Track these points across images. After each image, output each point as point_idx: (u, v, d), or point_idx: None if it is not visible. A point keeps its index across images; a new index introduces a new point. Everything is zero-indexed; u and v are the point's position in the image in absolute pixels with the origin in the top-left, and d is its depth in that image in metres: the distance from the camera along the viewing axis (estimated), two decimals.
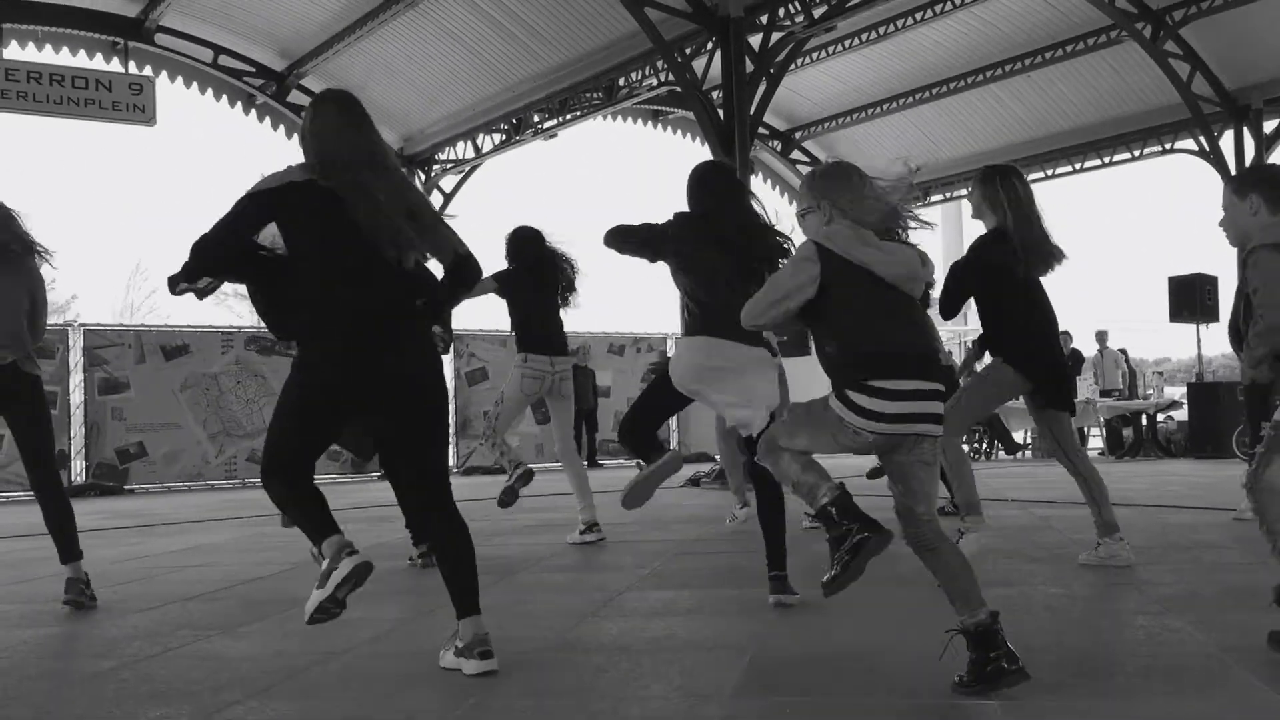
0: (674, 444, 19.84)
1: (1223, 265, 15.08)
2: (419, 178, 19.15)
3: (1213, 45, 15.34)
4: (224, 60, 16.81)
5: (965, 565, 3.16)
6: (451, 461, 18.66)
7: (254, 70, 16.85)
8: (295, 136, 18.70)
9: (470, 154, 18.53)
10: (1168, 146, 17.16)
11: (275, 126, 17.76)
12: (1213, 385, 15.26)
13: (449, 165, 18.94)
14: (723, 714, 2.98)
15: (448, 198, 19.35)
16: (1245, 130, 15.91)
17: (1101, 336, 17.59)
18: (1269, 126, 15.96)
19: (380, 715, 3.16)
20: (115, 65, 15.92)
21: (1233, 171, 15.72)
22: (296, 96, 17.45)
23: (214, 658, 3.93)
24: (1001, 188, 5.21)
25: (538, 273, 6.81)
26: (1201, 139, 16.04)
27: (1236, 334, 6.99)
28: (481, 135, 18.14)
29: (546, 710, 3.15)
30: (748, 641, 3.84)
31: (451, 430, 18.92)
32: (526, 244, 6.85)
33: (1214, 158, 15.93)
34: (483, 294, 6.59)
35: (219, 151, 63.69)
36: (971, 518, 5.43)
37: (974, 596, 3.07)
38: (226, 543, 7.33)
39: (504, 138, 17.98)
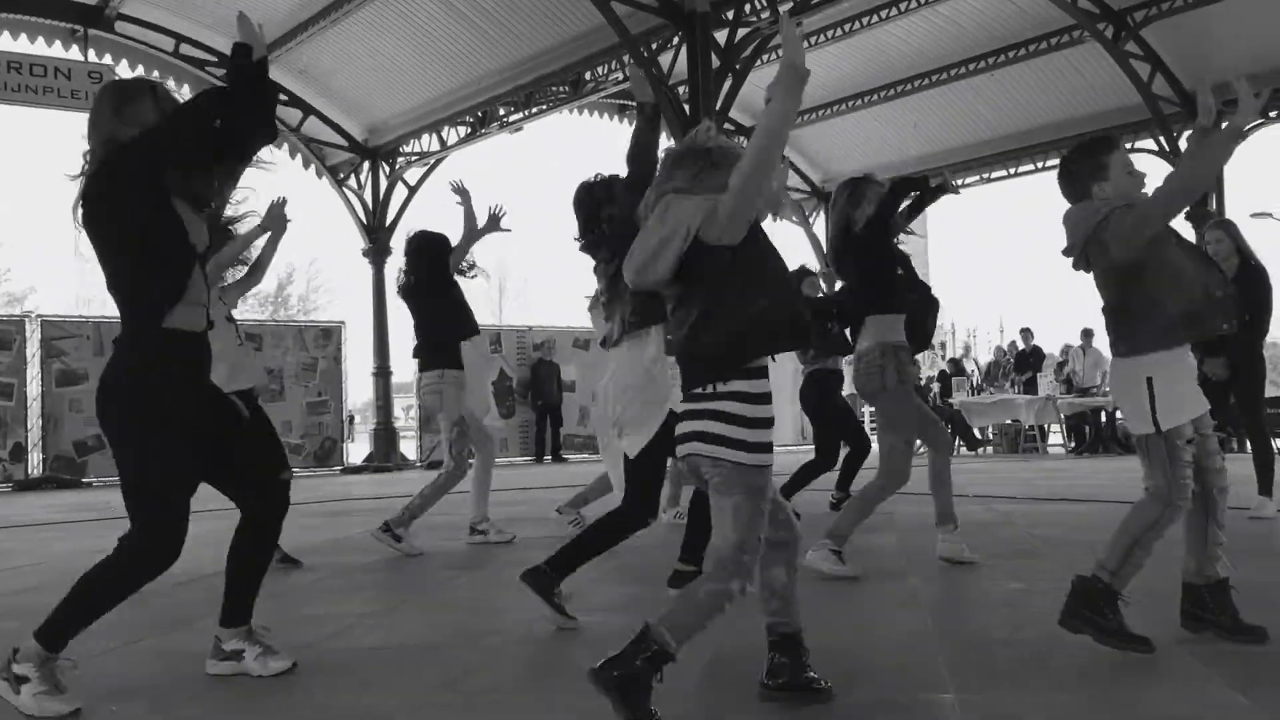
0: None
1: None
2: (383, 170, 19.05)
3: (1173, 46, 15.52)
4: (185, 49, 16.63)
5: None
6: (415, 455, 18.62)
7: (216, 60, 16.66)
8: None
9: (435, 147, 18.44)
10: (1129, 146, 17.30)
11: None
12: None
13: (413, 158, 18.84)
14: (684, 708, 2.99)
15: (412, 191, 19.25)
16: None
17: (1087, 335, 17.73)
18: None
19: (343, 710, 3.14)
20: (75, 53, 15.71)
21: None
22: None
23: (172, 653, 3.90)
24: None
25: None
26: (1161, 138, 16.23)
27: None
28: (447, 128, 18.05)
29: (510, 703, 3.15)
30: (710, 636, 3.84)
31: (415, 423, 18.87)
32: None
33: (1174, 157, 16.10)
34: None
35: None
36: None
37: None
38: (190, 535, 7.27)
39: (469, 131, 17.90)
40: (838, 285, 5.42)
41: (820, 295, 7.39)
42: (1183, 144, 16.11)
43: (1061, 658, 3.39)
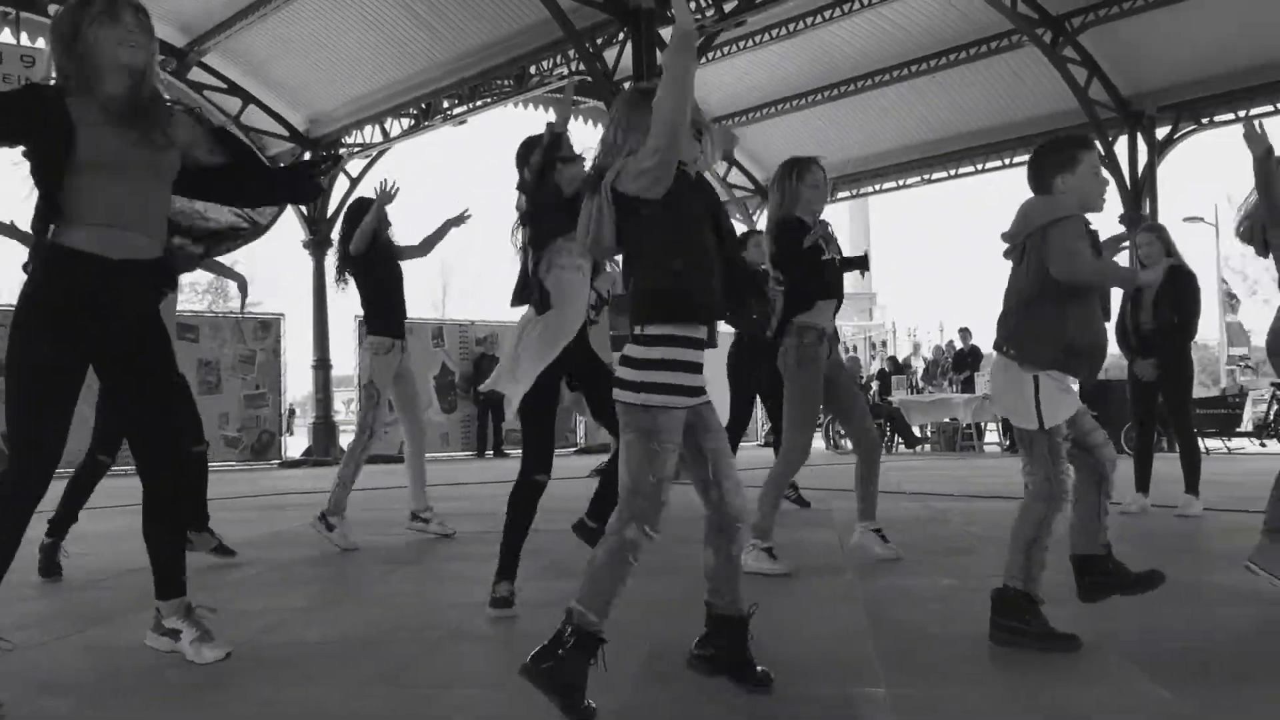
0: (581, 435, 19.84)
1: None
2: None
3: (1109, 53, 15.81)
4: None
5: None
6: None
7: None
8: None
9: (378, 138, 18.28)
10: None
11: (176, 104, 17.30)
12: (1104, 383, 15.70)
13: (356, 149, 18.66)
14: (620, 703, 3.00)
15: (354, 182, 19.07)
16: (1139, 136, 16.41)
17: None
18: (1161, 133, 16.49)
19: (281, 705, 3.11)
20: (6, 36, 15.34)
21: (1126, 175, 16.24)
22: (198, 74, 17.04)
23: (100, 648, 3.84)
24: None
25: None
26: (1097, 143, 16.50)
27: (1124, 333, 7.22)
28: (390, 119, 17.90)
29: (441, 699, 3.14)
30: (646, 631, 3.86)
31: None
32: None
33: (1109, 162, 16.40)
34: None
35: None
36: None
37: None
38: (111, 530, 7.14)
39: (413, 123, 17.77)
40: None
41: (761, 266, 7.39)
42: (1119, 149, 16.42)
43: (991, 652, 3.45)
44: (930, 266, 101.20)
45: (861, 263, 5.72)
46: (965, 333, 19.29)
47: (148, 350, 3.37)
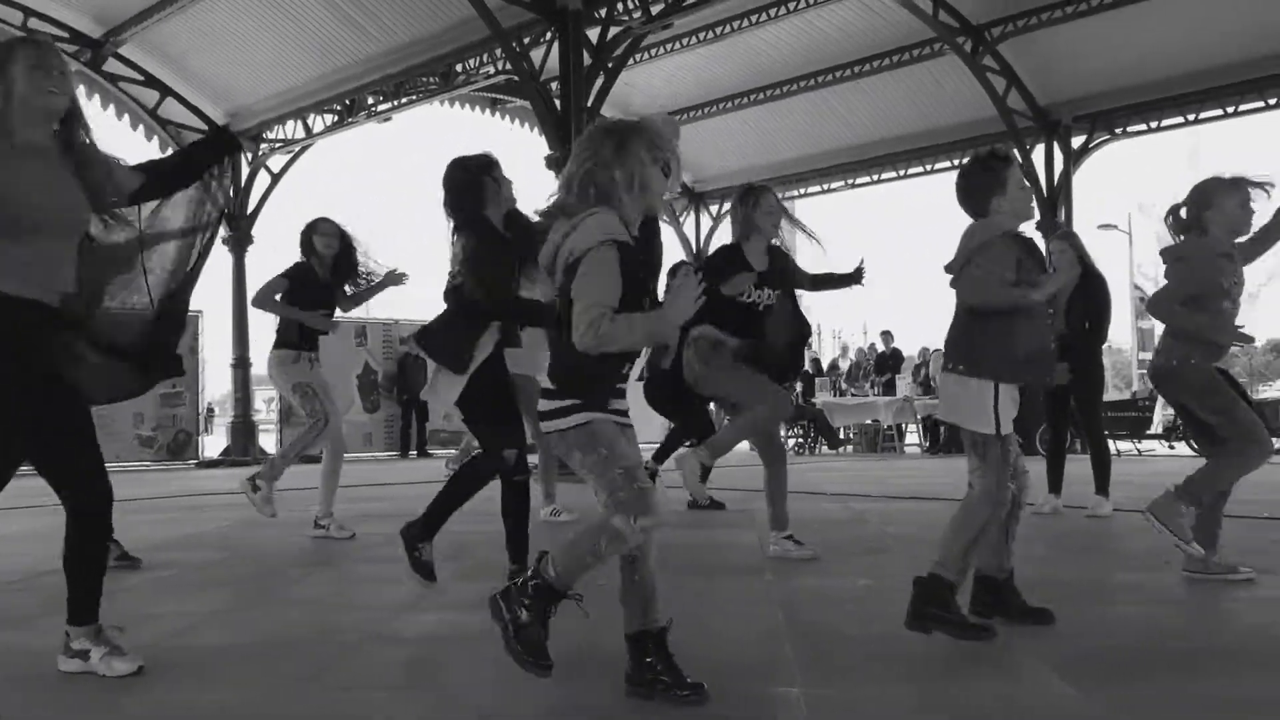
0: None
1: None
2: (245, 156, 18.52)
3: (1027, 62, 16.13)
4: (34, 23, 15.79)
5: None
6: (275, 449, 18.15)
7: (68, 36, 15.92)
8: (113, 107, 17.62)
9: (300, 134, 18.00)
10: None
11: (90, 96, 16.88)
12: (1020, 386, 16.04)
13: (277, 144, 18.35)
14: (539, 705, 2.99)
15: (275, 178, 18.75)
16: (1055, 144, 16.77)
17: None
18: (1076, 142, 16.86)
19: (189, 709, 3.05)
20: None
21: (1043, 183, 16.58)
22: (114, 65, 16.64)
23: (12, 651, 3.75)
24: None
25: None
26: (1015, 151, 16.84)
27: None
28: (312, 115, 17.63)
29: (358, 701, 3.11)
30: (568, 632, 3.85)
31: (276, 416, 18.43)
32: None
33: (1026, 169, 16.74)
34: None
35: None
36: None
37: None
38: (21, 533, 6.96)
39: (336, 119, 17.52)
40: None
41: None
42: (1035, 157, 16.75)
43: (905, 651, 3.50)
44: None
45: (856, 278, 5.79)
46: (887, 335, 19.58)
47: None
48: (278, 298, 6.48)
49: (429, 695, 3.16)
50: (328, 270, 6.54)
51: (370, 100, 16.91)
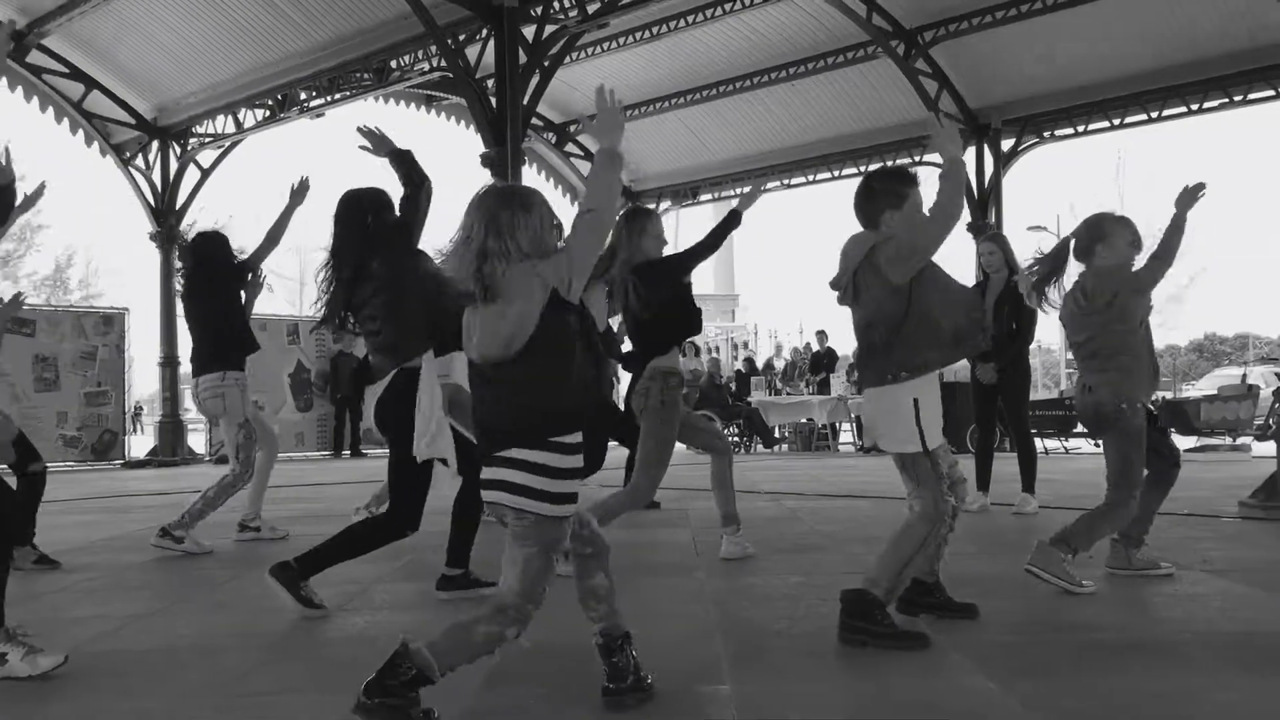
0: None
1: (964, 272, 16.11)
2: (173, 151, 18.19)
3: (958, 66, 16.36)
4: None
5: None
6: (204, 449, 17.87)
7: None
8: (37, 100, 17.20)
9: (231, 129, 17.71)
10: (917, 159, 18.12)
11: (13, 89, 16.49)
12: (950, 385, 16.26)
13: (207, 139, 18.04)
14: (464, 707, 2.97)
15: (205, 173, 18.44)
16: (986, 147, 17.03)
17: None
18: (1006, 144, 17.13)
19: (107, 715, 2.99)
20: None
21: (974, 185, 16.83)
22: (37, 58, 16.24)
23: None
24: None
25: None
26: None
27: None
28: (243, 110, 17.35)
29: (286, 704, 3.07)
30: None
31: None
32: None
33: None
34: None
35: None
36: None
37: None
38: None
39: (268, 114, 17.26)
40: None
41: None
42: (966, 159, 16.97)
43: (835, 649, 3.53)
44: (791, 270, 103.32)
45: (735, 219, 5.74)
46: (822, 335, 19.73)
47: None
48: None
49: (347, 699, 3.12)
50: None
51: (303, 96, 16.68)
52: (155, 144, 18.10)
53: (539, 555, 2.74)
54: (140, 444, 18.90)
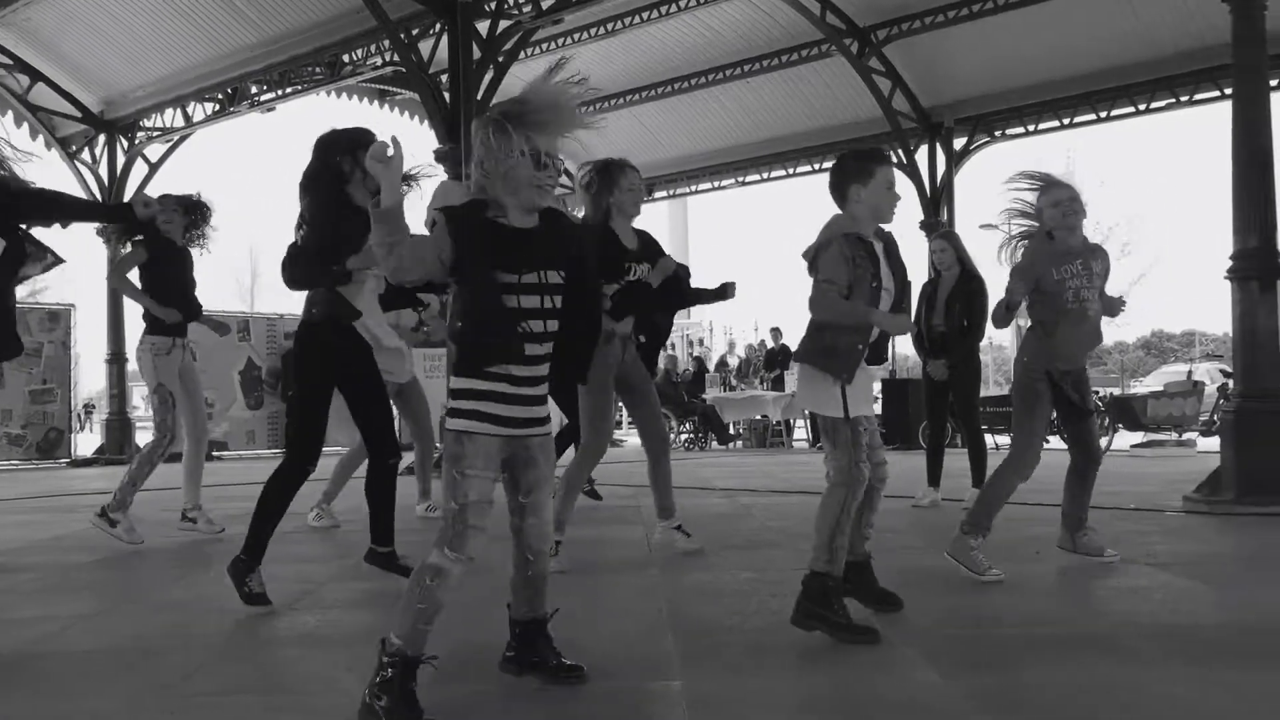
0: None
1: (916, 270, 16.22)
2: (121, 145, 17.90)
3: (911, 65, 16.47)
4: None
5: None
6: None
7: None
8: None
9: (180, 123, 17.47)
10: None
11: None
12: (903, 382, 16.43)
13: (155, 133, 17.78)
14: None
15: (154, 167, 18.17)
16: (938, 146, 17.17)
17: None
18: (958, 143, 17.28)
19: (49, 716, 2.94)
20: None
21: (926, 184, 16.97)
22: None
23: None
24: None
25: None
26: (900, 152, 17.19)
27: (918, 335, 7.54)
28: (193, 103, 17.12)
29: (230, 705, 3.03)
30: (448, 630, 3.81)
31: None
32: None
33: (910, 170, 17.11)
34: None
35: None
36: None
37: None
38: None
39: (217, 108, 17.04)
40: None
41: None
42: (919, 158, 17.12)
43: (785, 643, 3.55)
44: (746, 266, 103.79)
45: (723, 293, 5.74)
46: (776, 332, 19.81)
47: None
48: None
49: (309, 699, 3.10)
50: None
51: (253, 89, 16.49)
52: (102, 138, 17.81)
53: (449, 468, 2.80)
54: (88, 442, 18.61)
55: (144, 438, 18.64)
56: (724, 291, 5.70)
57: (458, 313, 2.84)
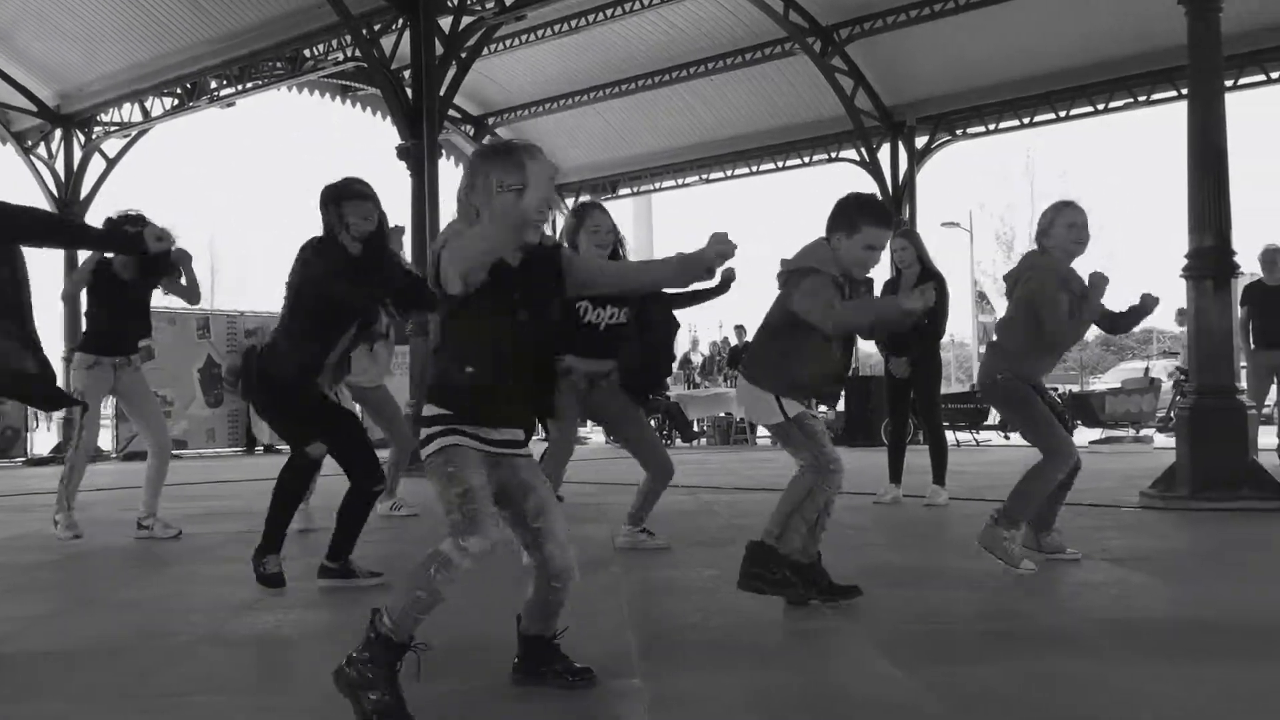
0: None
1: (878, 268, 16.30)
2: (77, 139, 17.68)
3: (874, 64, 16.57)
4: None
5: None
6: (110, 445, 17.43)
7: None
8: None
9: (138, 117, 17.28)
10: (833, 155, 18.40)
11: None
12: (865, 379, 16.52)
13: (113, 128, 17.58)
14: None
15: (111, 163, 17.96)
16: (900, 144, 17.29)
17: None
18: (920, 142, 17.41)
19: (6, 718, 2.91)
20: None
21: (888, 181, 17.09)
22: None
23: None
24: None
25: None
26: (863, 150, 17.31)
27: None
28: (151, 98, 16.94)
29: (189, 705, 3.01)
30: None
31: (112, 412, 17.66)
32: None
33: (872, 168, 17.24)
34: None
35: None
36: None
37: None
38: None
39: (176, 102, 16.88)
40: None
41: None
42: (882, 156, 17.23)
43: (747, 641, 3.57)
44: None
45: (725, 286, 5.71)
46: (740, 329, 19.85)
47: None
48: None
49: (268, 698, 3.08)
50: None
51: (213, 84, 16.34)
52: (58, 132, 17.60)
53: (434, 475, 2.77)
54: (45, 440, 18.37)
55: (102, 436, 18.42)
56: (726, 284, 5.68)
57: (452, 351, 2.81)
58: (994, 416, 17.73)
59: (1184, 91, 9.45)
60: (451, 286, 2.75)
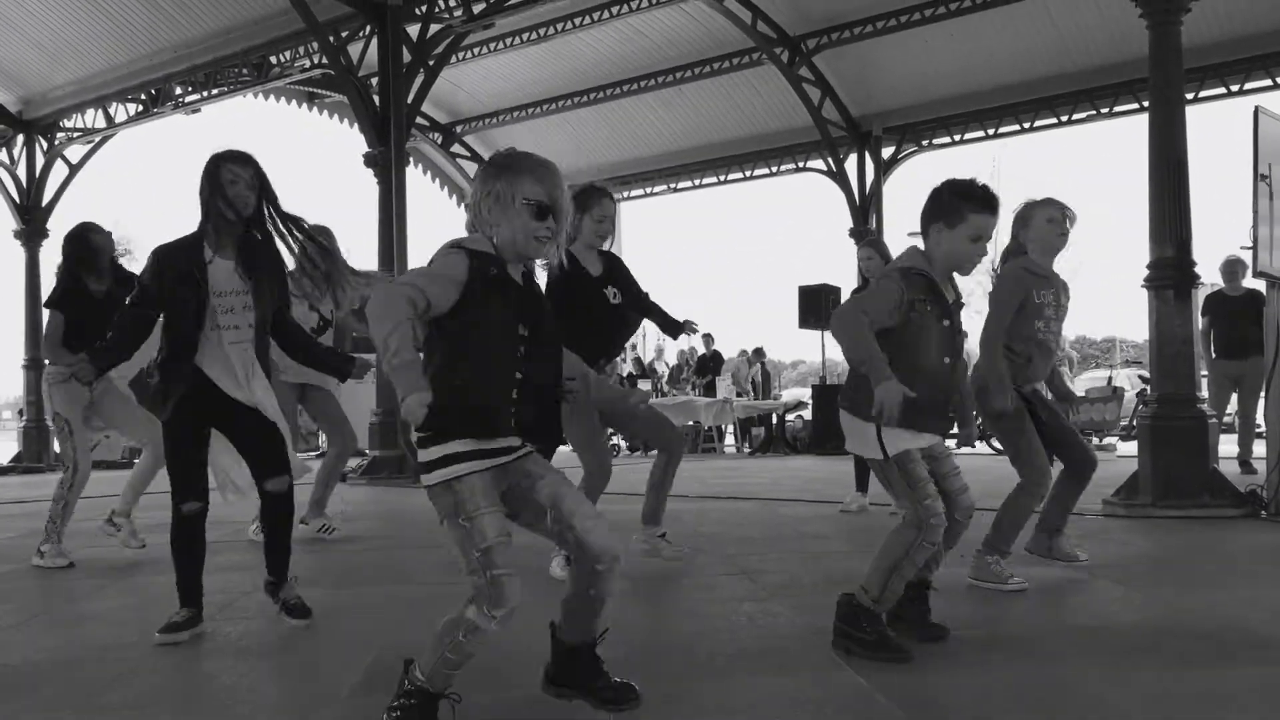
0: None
1: (845, 277, 16.50)
2: (40, 145, 17.49)
3: (841, 74, 16.68)
4: None
5: None
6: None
7: None
8: None
9: (101, 123, 17.13)
10: (801, 165, 18.49)
11: None
12: (835, 387, 16.58)
13: (76, 134, 17.41)
14: (336, 715, 2.91)
15: (74, 169, 17.78)
16: (867, 154, 17.40)
17: (758, 353, 20.62)
18: (887, 152, 17.52)
19: None
20: None
21: (855, 191, 17.18)
22: None
23: None
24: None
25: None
26: (830, 160, 17.40)
27: None
28: (115, 104, 16.79)
29: (152, 718, 2.97)
30: (375, 639, 3.78)
31: None
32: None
33: (840, 178, 17.35)
34: None
35: None
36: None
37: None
38: None
39: (141, 109, 16.73)
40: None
41: None
42: (849, 166, 17.32)
43: (710, 649, 3.56)
44: (678, 272, 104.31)
45: (681, 328, 5.71)
46: (708, 338, 19.90)
47: None
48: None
49: (230, 709, 3.04)
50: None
51: (178, 90, 16.20)
52: (20, 138, 17.43)
53: (449, 525, 2.62)
54: (4, 449, 18.13)
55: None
56: (683, 326, 5.69)
57: (444, 369, 2.63)
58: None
59: (1146, 103, 9.55)
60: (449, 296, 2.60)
